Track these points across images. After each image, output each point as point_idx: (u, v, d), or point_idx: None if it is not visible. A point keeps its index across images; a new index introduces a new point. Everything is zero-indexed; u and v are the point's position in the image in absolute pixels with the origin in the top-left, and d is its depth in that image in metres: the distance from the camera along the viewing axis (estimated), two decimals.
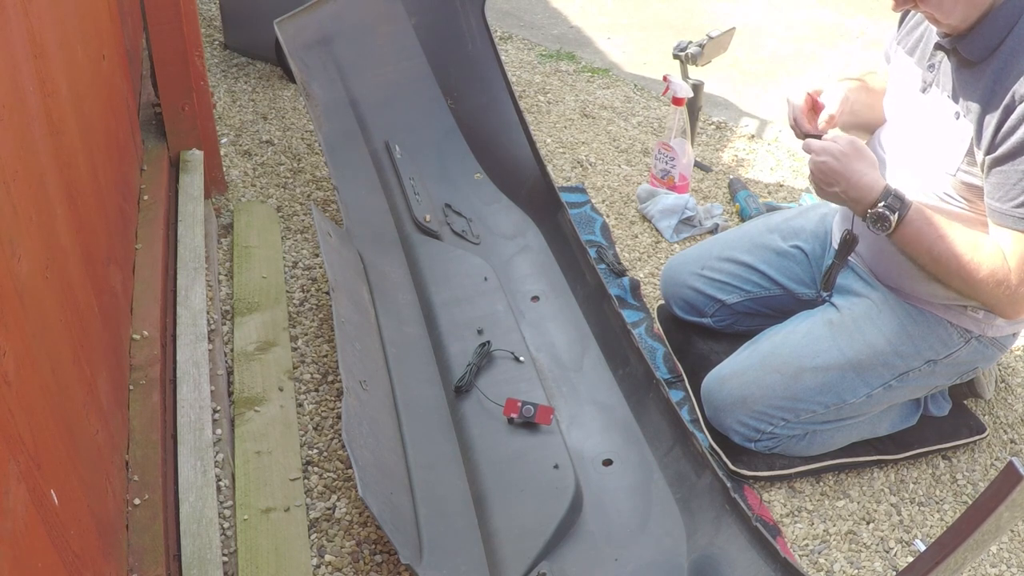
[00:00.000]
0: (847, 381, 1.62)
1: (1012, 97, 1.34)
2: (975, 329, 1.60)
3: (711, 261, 1.90)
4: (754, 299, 1.86)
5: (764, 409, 1.64)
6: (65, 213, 1.27)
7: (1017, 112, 1.33)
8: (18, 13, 1.16)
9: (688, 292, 1.90)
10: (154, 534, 1.30)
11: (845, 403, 1.63)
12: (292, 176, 2.55)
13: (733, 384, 1.67)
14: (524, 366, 1.78)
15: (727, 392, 1.67)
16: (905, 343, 1.60)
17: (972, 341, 1.61)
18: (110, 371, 1.41)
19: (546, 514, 1.48)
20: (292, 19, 2.27)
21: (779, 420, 1.64)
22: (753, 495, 1.66)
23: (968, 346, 1.61)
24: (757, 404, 1.64)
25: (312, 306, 2.07)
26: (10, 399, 0.83)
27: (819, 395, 1.62)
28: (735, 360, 1.72)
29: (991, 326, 1.59)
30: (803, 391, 1.62)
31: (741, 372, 1.68)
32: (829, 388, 1.62)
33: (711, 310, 1.89)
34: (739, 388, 1.65)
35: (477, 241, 2.17)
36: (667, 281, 1.96)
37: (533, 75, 3.28)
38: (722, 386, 1.68)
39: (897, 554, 1.59)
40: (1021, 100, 1.33)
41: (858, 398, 1.63)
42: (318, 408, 1.80)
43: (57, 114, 1.31)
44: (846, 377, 1.62)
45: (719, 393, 1.68)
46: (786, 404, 1.63)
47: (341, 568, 1.49)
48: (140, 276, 1.78)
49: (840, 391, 1.62)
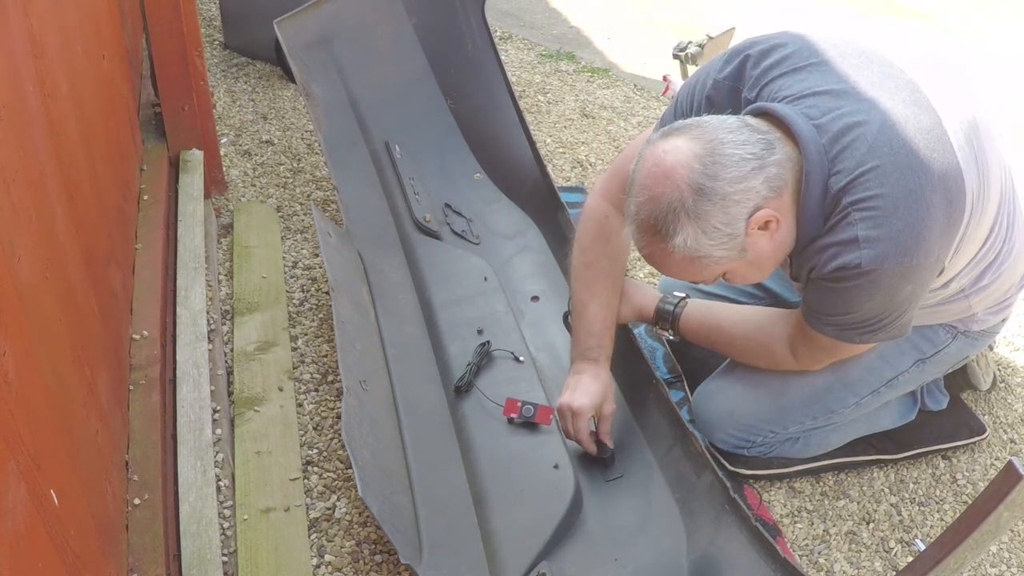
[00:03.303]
0: (834, 392, 1.60)
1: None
2: (960, 326, 1.58)
3: None
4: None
5: (752, 423, 1.63)
6: (65, 213, 1.27)
7: (815, 272, 1.33)
8: (18, 13, 1.16)
9: None
10: (154, 534, 1.30)
11: (834, 412, 1.61)
12: (292, 176, 2.55)
13: (720, 399, 1.66)
14: (524, 366, 1.78)
15: (714, 407, 1.66)
16: (890, 347, 1.57)
17: (959, 336, 1.59)
18: (110, 371, 1.41)
19: (546, 514, 1.48)
20: (292, 19, 2.27)
21: (767, 432, 1.64)
22: (753, 495, 1.66)
23: (956, 341, 1.59)
24: (744, 418, 1.63)
25: (312, 306, 2.07)
26: (10, 399, 0.83)
27: (806, 407, 1.61)
28: (721, 374, 1.70)
29: (975, 321, 1.57)
30: (789, 405, 1.61)
31: (728, 387, 1.67)
32: (815, 400, 1.60)
33: None
34: (726, 403, 1.65)
35: (477, 241, 2.17)
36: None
37: (533, 75, 3.28)
38: (709, 401, 1.68)
39: (897, 554, 1.59)
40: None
41: (847, 407, 1.61)
42: (318, 408, 1.80)
43: (57, 114, 1.31)
44: (832, 389, 1.59)
45: (706, 408, 1.67)
46: (773, 417, 1.62)
47: (341, 568, 1.49)
48: (140, 276, 1.78)
49: (827, 402, 1.60)
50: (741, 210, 1.24)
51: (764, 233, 1.28)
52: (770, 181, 1.25)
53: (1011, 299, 1.59)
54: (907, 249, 1.25)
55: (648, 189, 1.26)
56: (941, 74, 1.40)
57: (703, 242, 1.25)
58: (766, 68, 1.37)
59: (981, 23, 3.99)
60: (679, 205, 1.23)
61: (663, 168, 1.25)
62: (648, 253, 1.32)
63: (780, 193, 1.27)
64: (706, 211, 1.23)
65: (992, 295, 1.54)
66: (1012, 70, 3.53)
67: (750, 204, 1.24)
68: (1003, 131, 3.05)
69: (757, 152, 1.24)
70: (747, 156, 1.24)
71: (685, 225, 1.24)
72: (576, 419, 1.58)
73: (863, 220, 1.25)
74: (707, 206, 1.23)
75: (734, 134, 1.25)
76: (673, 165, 1.24)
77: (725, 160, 1.23)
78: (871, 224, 1.24)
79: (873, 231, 1.24)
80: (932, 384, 1.76)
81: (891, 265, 1.25)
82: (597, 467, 1.61)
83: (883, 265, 1.25)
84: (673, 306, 1.67)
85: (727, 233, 1.25)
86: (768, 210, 1.25)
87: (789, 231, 1.31)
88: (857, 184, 1.25)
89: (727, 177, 1.22)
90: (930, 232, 1.25)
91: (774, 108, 1.30)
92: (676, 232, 1.25)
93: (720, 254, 1.27)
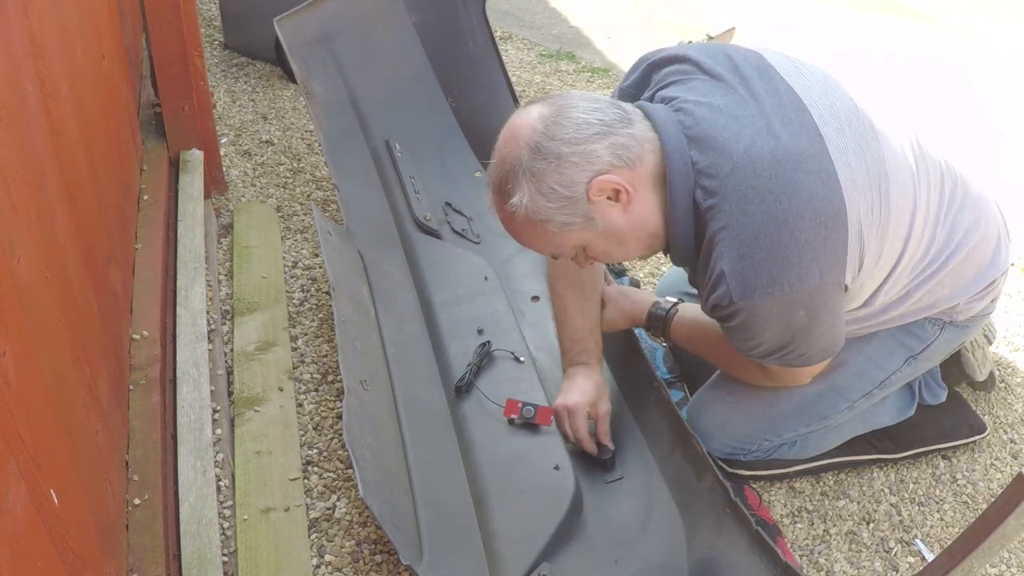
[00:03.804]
0: (825, 400, 1.59)
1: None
2: (945, 317, 1.56)
3: None
4: None
5: (746, 433, 1.63)
6: (65, 213, 1.27)
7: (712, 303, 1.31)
8: (18, 13, 1.16)
9: None
10: (154, 534, 1.30)
11: (827, 418, 1.61)
12: (292, 176, 2.55)
13: (711, 412, 1.66)
14: (524, 366, 1.78)
15: (706, 419, 1.65)
16: (877, 350, 1.56)
17: (946, 327, 1.57)
18: (110, 371, 1.41)
19: (546, 515, 1.47)
20: (292, 17, 2.27)
21: (762, 440, 1.63)
22: (753, 495, 1.66)
23: (944, 333, 1.57)
24: (737, 430, 1.62)
25: (312, 306, 2.07)
26: (10, 399, 0.83)
27: (798, 416, 1.60)
28: (712, 386, 1.70)
29: (960, 312, 1.55)
30: (781, 415, 1.60)
31: (718, 399, 1.66)
32: (807, 409, 1.59)
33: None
34: (717, 415, 1.64)
35: (478, 240, 2.17)
36: None
37: (533, 75, 3.28)
38: (701, 412, 1.67)
39: (897, 554, 1.59)
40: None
41: (839, 412, 1.60)
42: (318, 408, 1.80)
43: (57, 114, 1.31)
44: (823, 396, 1.58)
45: (699, 419, 1.67)
46: (765, 427, 1.61)
47: (341, 568, 1.49)
48: (140, 276, 1.78)
49: (819, 410, 1.60)
50: (580, 173, 1.24)
51: (615, 205, 1.27)
52: (616, 149, 1.24)
53: (987, 286, 1.53)
54: (773, 279, 1.22)
55: (498, 152, 1.29)
56: (915, 76, 1.39)
57: (540, 203, 1.25)
58: (664, 75, 1.38)
59: (981, 23, 3.99)
60: (518, 164, 1.25)
61: (512, 130, 1.27)
62: (500, 218, 1.33)
63: (632, 166, 1.25)
64: (541, 170, 1.24)
65: (957, 291, 1.51)
66: (1012, 70, 3.53)
67: (591, 168, 1.24)
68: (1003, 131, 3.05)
69: (607, 120, 1.25)
70: (592, 121, 1.24)
71: (523, 183, 1.25)
72: (572, 417, 1.59)
73: (727, 252, 1.24)
74: (542, 164, 1.23)
75: (590, 103, 1.26)
76: (520, 126, 1.26)
77: (566, 122, 1.24)
78: (735, 256, 1.23)
79: (737, 264, 1.23)
80: (929, 378, 1.75)
81: (760, 297, 1.24)
82: (597, 469, 1.61)
83: (752, 298, 1.24)
84: (665, 311, 1.66)
85: (565, 196, 1.24)
86: (613, 176, 1.24)
87: (650, 211, 1.29)
88: (721, 211, 1.24)
89: (564, 138, 1.23)
90: (799, 258, 1.22)
91: (645, 105, 1.31)
92: (515, 191, 1.25)
93: (562, 219, 1.26)
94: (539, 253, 1.40)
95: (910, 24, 3.93)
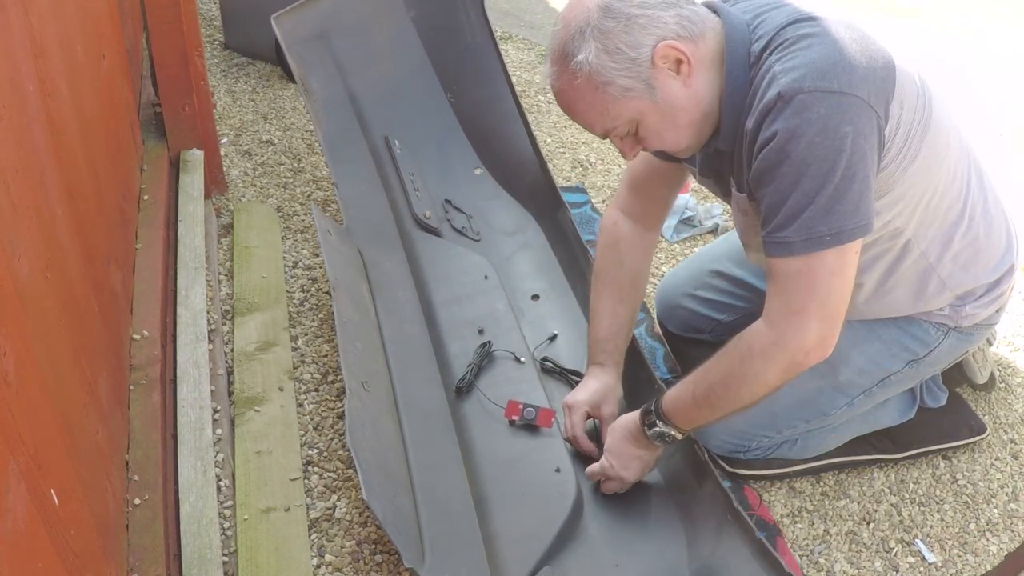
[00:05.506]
0: (824, 395, 1.58)
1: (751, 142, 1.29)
2: (950, 322, 1.55)
3: (703, 278, 1.86)
4: (749, 314, 1.82)
5: (745, 429, 1.62)
6: (65, 213, 1.26)
7: (757, 152, 1.28)
8: (18, 13, 1.16)
9: (683, 313, 1.88)
10: (154, 534, 1.30)
11: (826, 415, 1.60)
12: (292, 176, 2.55)
13: None
14: (524, 367, 1.78)
15: None
16: (881, 351, 1.56)
17: (951, 333, 1.56)
18: (110, 371, 1.41)
19: (548, 518, 1.47)
20: (289, 14, 2.26)
21: (762, 436, 1.63)
22: (753, 495, 1.66)
23: (948, 339, 1.56)
24: (737, 425, 1.61)
25: (312, 306, 2.07)
26: (10, 399, 0.83)
27: (797, 411, 1.60)
28: None
29: (965, 316, 1.54)
30: (781, 410, 1.60)
31: None
32: (807, 404, 1.59)
33: (707, 328, 1.87)
34: None
35: (477, 238, 2.17)
36: (662, 303, 1.93)
37: (533, 75, 3.28)
38: None
39: (897, 554, 1.59)
40: (754, 137, 1.28)
41: (838, 408, 1.60)
42: (318, 408, 1.80)
43: (57, 114, 1.31)
44: (823, 391, 1.58)
45: None
46: (766, 422, 1.61)
47: (341, 568, 1.49)
48: (140, 276, 1.78)
49: (819, 405, 1.59)
50: (646, 36, 1.25)
51: (675, 77, 1.28)
52: (682, 20, 1.27)
53: (997, 290, 1.53)
54: (823, 72, 1.21)
55: (561, 19, 1.31)
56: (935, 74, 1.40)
57: (605, 62, 1.26)
58: None
59: (981, 23, 3.98)
60: (585, 24, 1.26)
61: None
62: (558, 89, 1.33)
63: (695, 41, 1.28)
64: (609, 28, 1.25)
65: (966, 276, 1.49)
66: (1012, 70, 3.53)
67: (657, 32, 1.26)
68: (1003, 131, 3.05)
69: None
70: None
71: (589, 41, 1.26)
72: (570, 413, 1.59)
73: (779, 60, 1.25)
74: (611, 23, 1.25)
75: None
76: None
77: None
78: (786, 58, 1.24)
79: (788, 63, 1.24)
80: (931, 381, 1.75)
81: (810, 85, 1.20)
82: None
83: (803, 86, 1.20)
84: (651, 401, 1.52)
85: (630, 57, 1.26)
86: (677, 43, 1.26)
87: (707, 88, 1.30)
88: (777, 36, 1.27)
89: (634, 1, 1.26)
90: (847, 62, 1.21)
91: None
92: (580, 50, 1.27)
93: (624, 82, 1.27)
94: (590, 131, 1.38)
95: (910, 24, 3.93)
